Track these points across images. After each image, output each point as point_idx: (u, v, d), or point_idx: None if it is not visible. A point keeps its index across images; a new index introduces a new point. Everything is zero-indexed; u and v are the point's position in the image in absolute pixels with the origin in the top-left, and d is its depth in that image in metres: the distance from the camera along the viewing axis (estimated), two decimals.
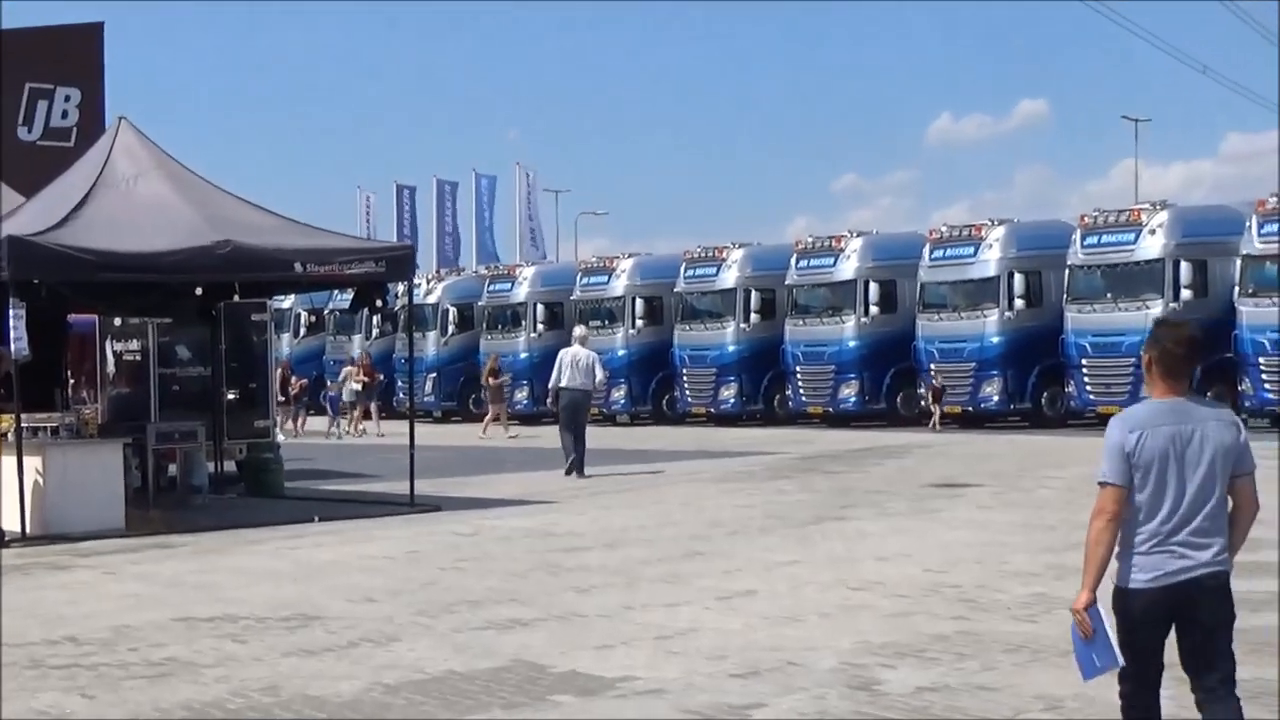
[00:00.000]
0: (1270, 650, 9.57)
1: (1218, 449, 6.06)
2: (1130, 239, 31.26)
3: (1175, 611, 6.08)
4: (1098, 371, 31.42)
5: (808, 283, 36.57)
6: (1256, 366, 29.35)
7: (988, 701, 8.35)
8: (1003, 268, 32.99)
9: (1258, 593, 11.63)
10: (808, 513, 17.95)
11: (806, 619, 10.97)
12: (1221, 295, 30.45)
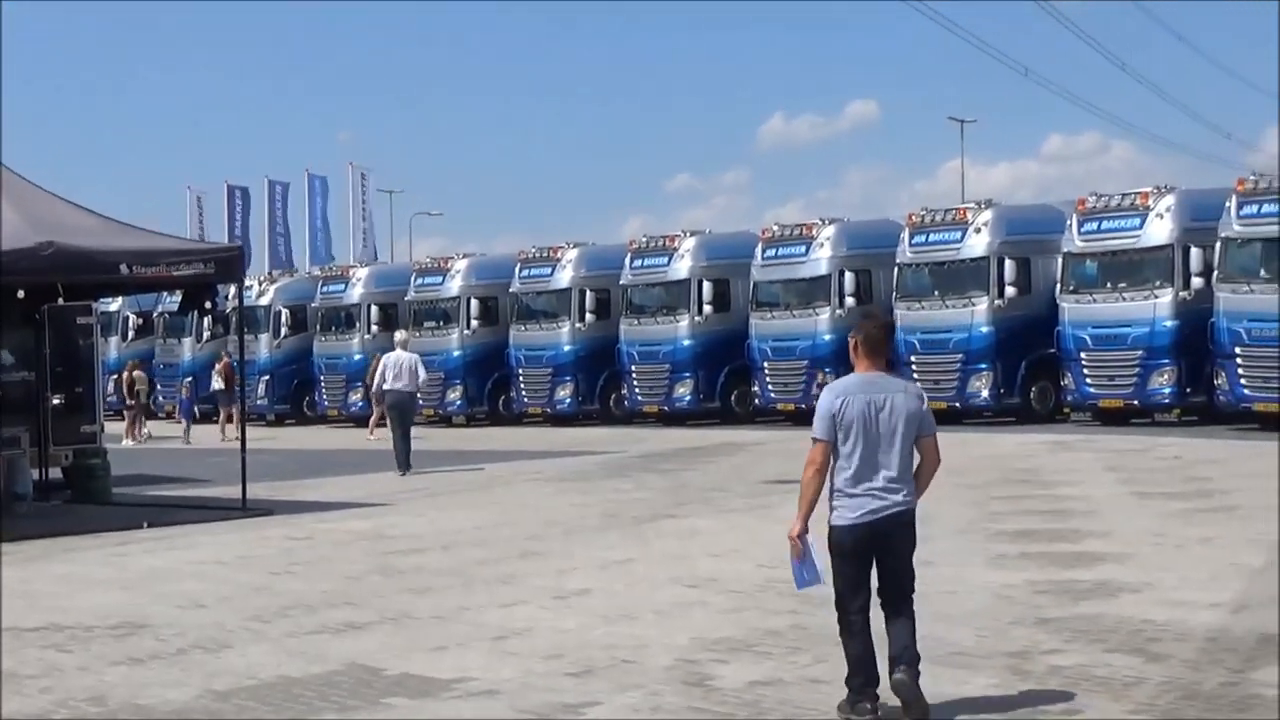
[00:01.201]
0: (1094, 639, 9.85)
1: (907, 414, 7.74)
2: (956, 237, 31.84)
3: (875, 542, 7.76)
4: (926, 367, 31.95)
5: (642, 282, 36.72)
6: (1078, 362, 30.06)
7: (819, 694, 8.49)
8: (834, 266, 33.40)
9: (1083, 581, 11.97)
10: (643, 511, 18.06)
11: (642, 616, 11.05)
12: (1044, 292, 31.14)
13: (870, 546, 7.77)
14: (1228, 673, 8.79)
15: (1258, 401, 27.27)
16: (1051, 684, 8.61)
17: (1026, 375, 31.87)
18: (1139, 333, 29.22)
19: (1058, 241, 30.64)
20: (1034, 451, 25.08)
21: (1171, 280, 28.90)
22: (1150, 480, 19.84)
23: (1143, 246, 29.41)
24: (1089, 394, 30.27)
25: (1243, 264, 27.66)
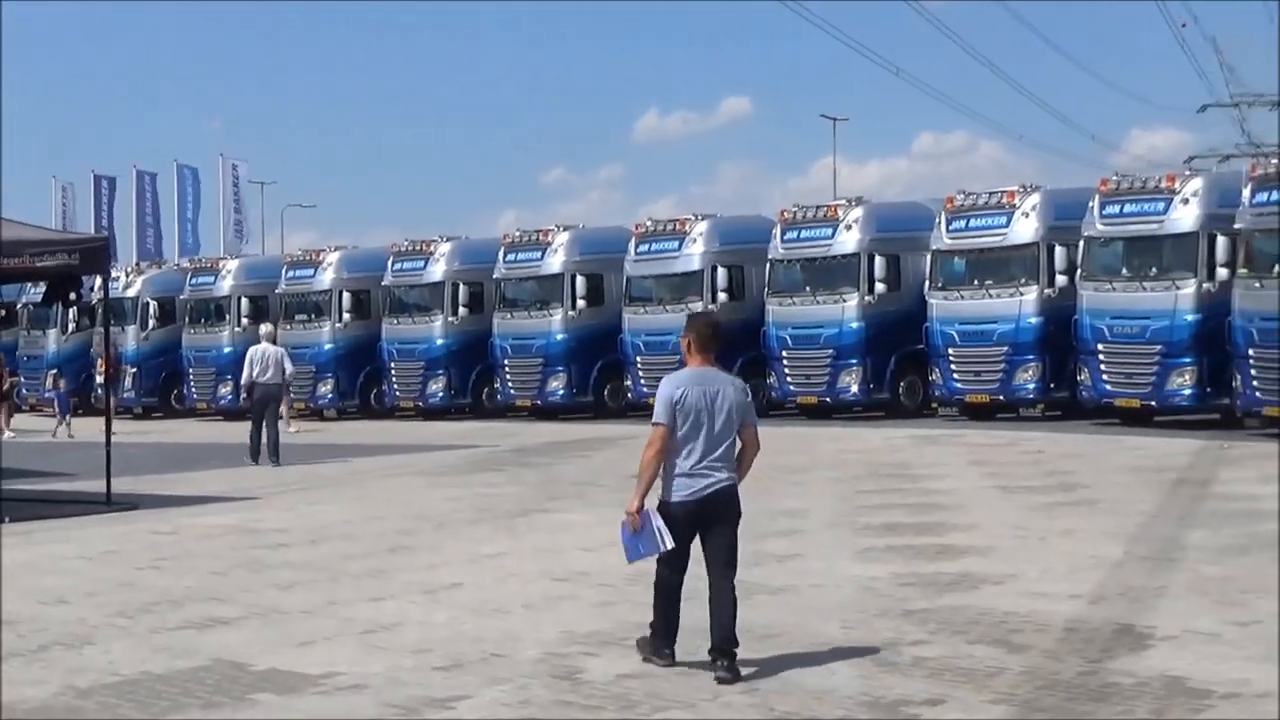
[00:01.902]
0: (957, 630, 10.02)
1: (733, 405, 8.79)
2: (828, 234, 32.12)
3: (704, 516, 8.78)
4: (797, 363, 32.22)
5: (515, 276, 36.65)
6: (946, 358, 30.46)
7: (688, 687, 8.55)
8: (706, 261, 33.53)
9: (947, 573, 12.16)
10: (515, 505, 18.04)
11: (512, 610, 11.05)
12: (913, 288, 31.52)
13: (699, 520, 8.81)
14: (1086, 662, 8.97)
15: (1119, 397, 27.83)
16: (916, 675, 8.74)
17: (895, 370, 32.24)
18: (1005, 329, 29.67)
19: (927, 238, 31.02)
20: (902, 446, 25.40)
21: (1037, 278, 29.39)
22: (1014, 474, 20.18)
23: (1009, 244, 29.87)
24: (956, 389, 30.69)
25: (1105, 262, 28.20)
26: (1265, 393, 24.74)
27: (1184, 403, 27.28)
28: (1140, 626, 9.97)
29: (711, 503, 8.77)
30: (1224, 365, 25.90)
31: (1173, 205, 27.03)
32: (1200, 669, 8.73)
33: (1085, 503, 16.96)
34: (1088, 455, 22.87)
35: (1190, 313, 26.65)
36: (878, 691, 8.36)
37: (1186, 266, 26.80)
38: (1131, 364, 27.38)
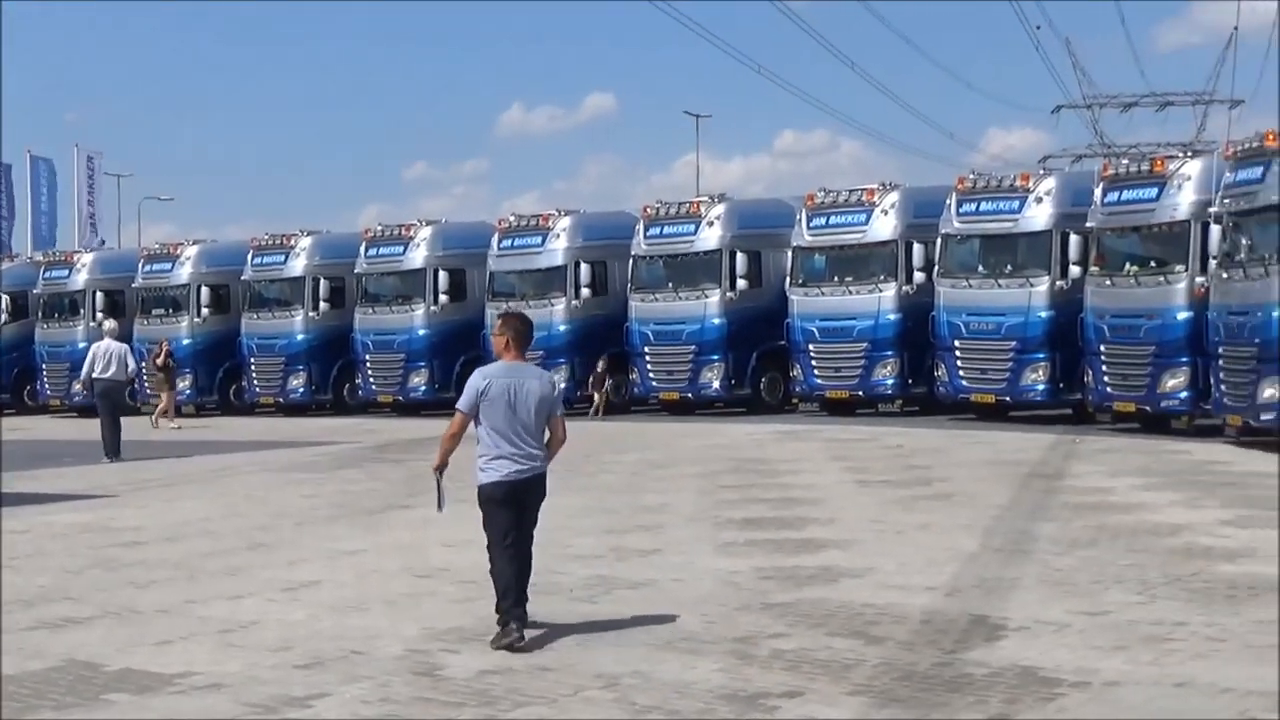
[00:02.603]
0: (816, 623, 10.13)
1: (539, 397, 9.64)
2: (690, 230, 32.28)
3: (515, 497, 9.60)
4: (660, 359, 32.35)
5: (377, 271, 36.40)
6: (807, 354, 30.76)
7: (548, 682, 8.56)
8: (569, 257, 33.56)
9: (807, 567, 12.28)
10: (376, 501, 17.93)
11: (372, 607, 10.99)
12: (775, 285, 31.78)
13: (512, 498, 9.61)
14: (941, 653, 9.12)
15: (975, 392, 28.29)
16: (775, 667, 8.83)
17: (757, 366, 32.51)
18: (865, 325, 30.04)
19: (788, 235, 31.31)
20: (763, 441, 25.60)
21: (895, 275, 29.79)
22: (873, 469, 20.44)
23: (868, 241, 30.25)
24: (816, 385, 31.01)
25: (962, 259, 28.66)
26: (1116, 388, 25.28)
27: (1038, 398, 27.81)
28: (994, 617, 10.15)
29: (520, 486, 9.61)
30: (1076, 361, 26.45)
31: (1027, 204, 27.55)
32: (1051, 658, 8.91)
33: (942, 496, 17.22)
34: (945, 450, 23.22)
35: (1044, 309, 27.17)
36: (737, 684, 8.43)
37: (1040, 264, 27.33)
38: (987, 360, 27.85)
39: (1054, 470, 20.02)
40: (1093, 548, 13.18)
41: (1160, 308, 24.50)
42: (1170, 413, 24.89)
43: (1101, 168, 27.88)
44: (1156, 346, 24.44)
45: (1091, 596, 10.91)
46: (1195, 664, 8.76)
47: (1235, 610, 10.26)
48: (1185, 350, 24.07)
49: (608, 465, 21.68)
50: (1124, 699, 8.06)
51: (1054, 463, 21.09)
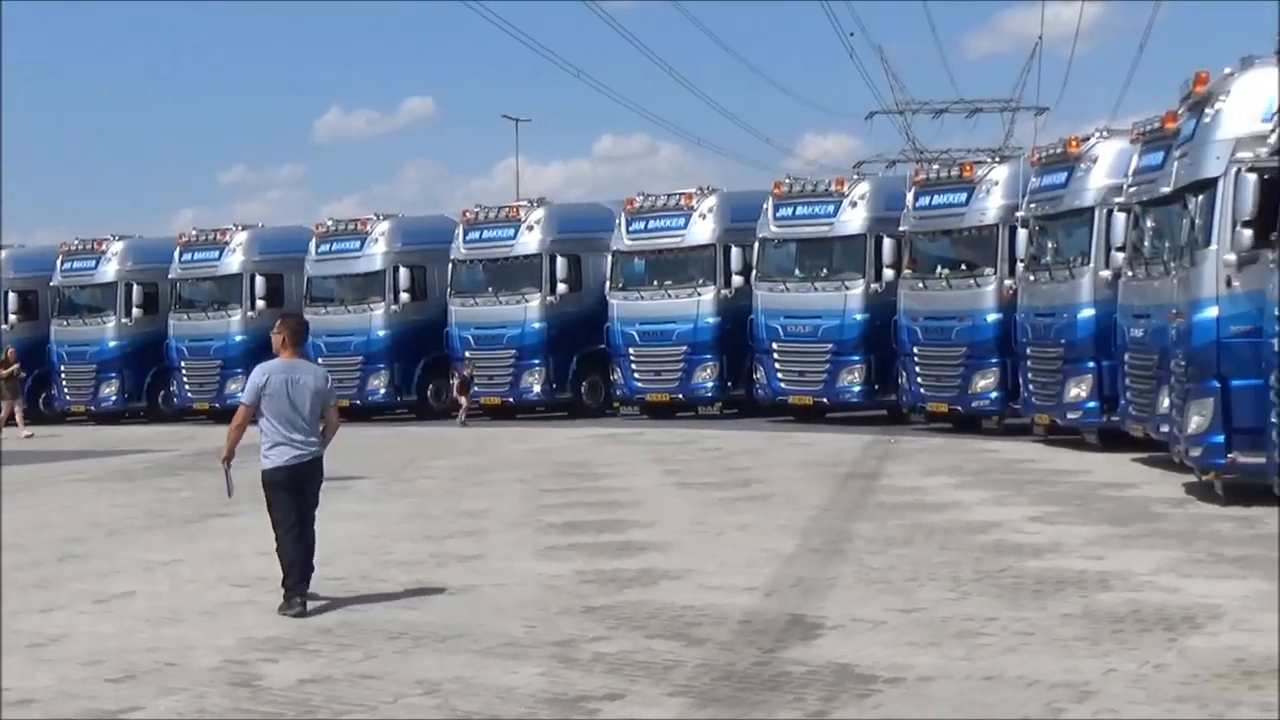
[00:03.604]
0: (636, 625, 10.19)
1: (314, 390, 10.92)
2: (509, 235, 32.24)
3: (296, 480, 10.84)
4: (480, 363, 32.25)
5: (192, 276, 35.80)
6: (627, 357, 30.89)
7: (368, 690, 8.51)
8: (388, 261, 33.31)
9: (628, 570, 12.35)
10: (192, 510, 17.64)
11: (187, 618, 10.83)
12: (595, 289, 31.88)
13: (293, 482, 10.82)
14: (760, 653, 9.24)
15: (793, 394, 28.65)
16: (597, 670, 8.87)
17: (578, 370, 32.57)
18: (684, 329, 30.27)
19: (608, 239, 31.43)
20: (584, 445, 25.68)
21: (714, 278, 30.05)
22: (693, 471, 20.61)
23: (687, 245, 30.47)
24: (637, 388, 31.15)
25: (779, 263, 29.02)
26: (929, 389, 25.80)
27: (854, 399, 28.26)
28: (811, 616, 10.31)
29: (299, 470, 10.84)
30: (891, 363, 26.93)
31: (842, 208, 27.99)
32: (866, 655, 9.08)
33: (760, 498, 17.43)
34: (763, 451, 23.50)
35: (859, 312, 27.63)
36: (559, 688, 8.46)
37: (855, 268, 27.78)
38: (804, 362, 28.23)
39: (870, 470, 20.37)
40: (907, 546, 13.44)
41: (970, 310, 25.06)
42: (981, 413, 25.46)
43: (913, 173, 28.47)
44: (967, 348, 25.00)
45: (906, 594, 11.13)
46: (1005, 658, 8.99)
47: (1042, 605, 10.54)
48: (995, 351, 24.65)
49: (428, 471, 21.58)
50: (936, 693, 8.25)
51: (870, 463, 21.45)
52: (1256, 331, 14.83)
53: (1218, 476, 15.79)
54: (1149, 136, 19.48)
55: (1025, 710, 7.86)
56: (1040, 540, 13.52)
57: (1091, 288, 21.57)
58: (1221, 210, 15.50)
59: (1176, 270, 16.91)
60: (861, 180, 29.79)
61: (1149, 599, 10.63)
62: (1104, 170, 21.66)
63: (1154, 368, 18.34)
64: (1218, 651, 8.97)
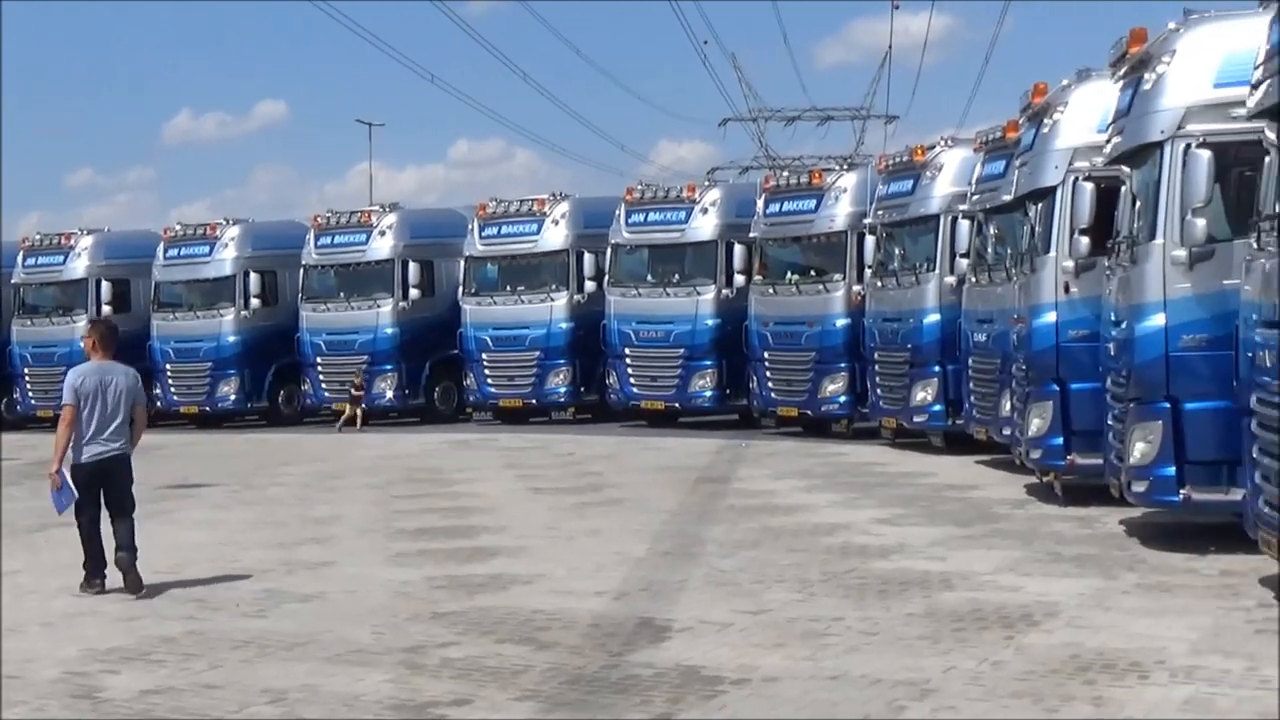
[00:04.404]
0: (486, 630, 10.22)
1: (124, 390, 11.77)
2: (362, 240, 32.05)
3: (99, 476, 11.70)
4: (332, 369, 32.02)
5: (36, 281, 35.10)
6: (480, 363, 30.83)
7: (213, 700, 8.44)
8: (238, 266, 32.92)
9: (478, 575, 12.36)
10: (33, 520, 17.27)
11: (28, 630, 10.63)
12: (448, 294, 31.78)
13: (98, 478, 11.70)
14: (608, 656, 9.31)
15: (646, 399, 28.81)
16: (445, 676, 8.89)
17: (431, 376, 32.44)
18: (537, 334, 30.28)
19: (461, 245, 31.35)
20: (437, 451, 25.60)
21: (567, 284, 30.10)
22: (545, 476, 20.66)
23: (540, 251, 30.49)
24: (490, 394, 31.10)
25: (631, 269, 29.17)
26: (779, 393, 26.08)
27: (706, 404, 28.48)
28: (660, 619, 10.40)
29: (108, 466, 11.70)
30: (743, 368, 27.18)
31: (693, 214, 28.20)
32: (713, 657, 9.19)
33: (612, 502, 17.52)
34: (616, 456, 23.60)
35: (710, 318, 27.84)
36: (406, 694, 8.46)
37: (706, 274, 28.00)
38: (657, 367, 28.39)
39: (721, 474, 20.55)
40: (756, 549, 13.60)
41: (819, 315, 25.38)
42: (830, 416, 25.80)
43: (764, 180, 28.78)
44: (816, 353, 25.31)
45: (754, 596, 11.27)
46: (849, 657, 9.15)
47: (887, 605, 10.74)
48: (843, 356, 24.99)
49: (278, 478, 21.39)
50: (781, 693, 8.37)
51: (721, 467, 21.65)
52: (1094, 336, 15.07)
53: (1057, 478, 16.19)
54: (991, 146, 19.86)
55: (867, 709, 8.01)
56: (886, 542, 13.76)
57: (937, 293, 21.98)
58: (1060, 218, 15.86)
59: (1017, 276, 17.29)
60: (713, 187, 30.09)
61: (989, 598, 10.88)
62: (948, 178, 22.08)
63: (996, 372, 18.73)
64: (1053, 648, 9.21)
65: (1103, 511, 14.79)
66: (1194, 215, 11.99)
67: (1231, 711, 7.78)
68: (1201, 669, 8.58)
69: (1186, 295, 12.50)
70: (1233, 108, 11.67)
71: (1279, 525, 10.04)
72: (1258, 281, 10.54)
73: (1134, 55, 13.34)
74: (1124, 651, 9.04)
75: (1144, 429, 12.81)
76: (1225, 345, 11.67)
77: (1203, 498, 12.55)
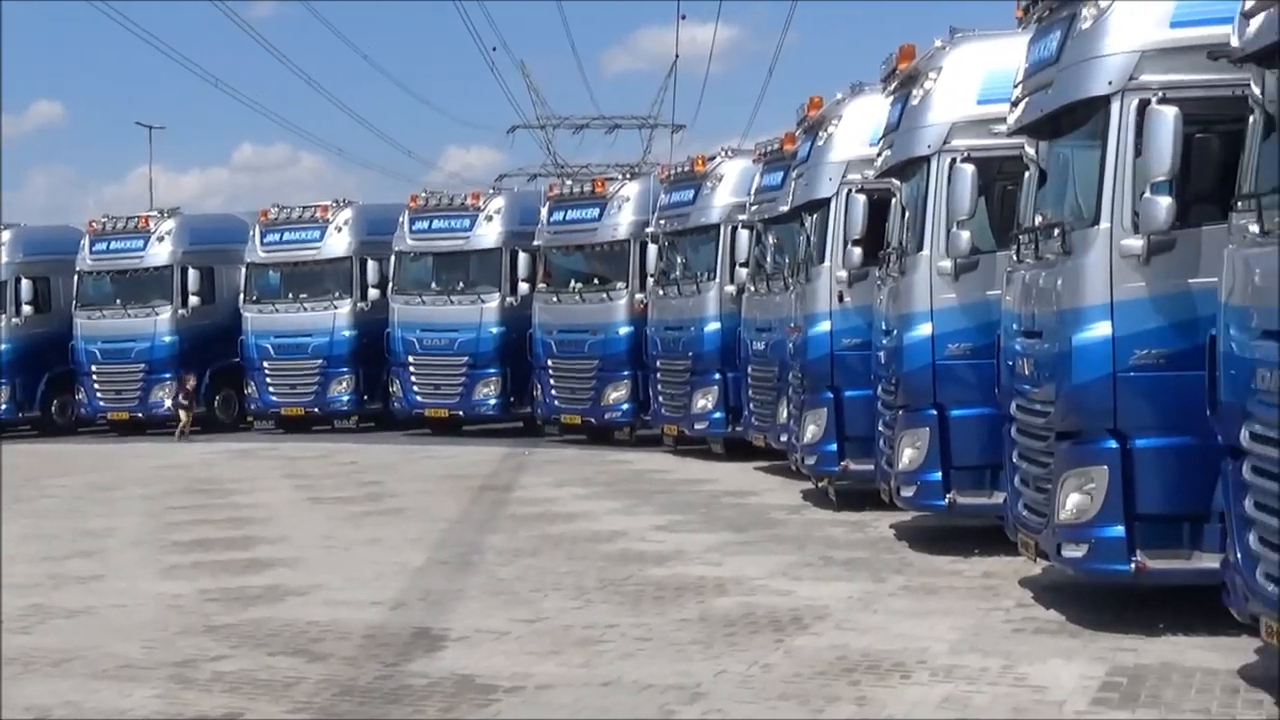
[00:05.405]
0: (259, 643, 10.11)
1: None
2: (139, 245, 31.33)
3: None
4: (108, 378, 31.27)
5: None
6: (262, 371, 30.39)
7: None
8: (10, 273, 31.93)
9: (253, 587, 12.21)
10: None
11: None
12: (229, 302, 31.25)
13: None
14: (383, 666, 9.30)
15: (430, 407, 28.67)
16: (215, 690, 8.80)
17: (211, 385, 31.84)
18: (319, 342, 29.92)
19: (243, 251, 30.88)
20: (216, 461, 25.18)
21: (350, 292, 29.84)
22: (326, 486, 20.47)
23: (323, 258, 30.15)
24: (272, 402, 30.67)
25: (416, 276, 29.01)
26: (563, 401, 26.16)
27: (490, 412, 28.43)
28: (436, 629, 10.42)
29: None
30: (527, 376, 27.20)
31: (478, 222, 28.16)
32: (488, 666, 9.24)
33: (393, 511, 17.44)
34: (398, 465, 23.47)
35: (494, 325, 27.81)
36: (174, 709, 8.35)
37: (491, 281, 27.98)
38: (441, 375, 28.28)
39: (504, 483, 20.57)
40: (536, 556, 13.67)
41: (602, 324, 25.51)
42: (613, 424, 25.94)
43: (548, 188, 28.85)
44: (599, 361, 25.44)
45: (531, 604, 11.34)
46: (623, 663, 9.27)
47: (661, 611, 10.89)
48: (626, 364, 25.16)
49: (49, 489, 20.84)
50: (555, 700, 8.46)
51: (505, 475, 21.66)
52: (866, 345, 15.39)
53: (831, 483, 16.54)
54: (770, 157, 20.20)
55: (639, 713, 8.14)
56: (664, 548, 13.92)
57: (717, 302, 22.27)
58: (834, 229, 16.24)
59: (794, 286, 17.62)
60: (497, 195, 30.03)
61: (762, 602, 11.09)
62: (729, 189, 22.39)
63: (775, 379, 19.05)
64: (821, 650, 9.44)
65: (874, 516, 15.16)
66: (959, 228, 12.28)
67: (986, 708, 8.07)
68: (961, 668, 8.88)
69: (952, 305, 12.87)
70: (995, 124, 11.95)
71: (1036, 528, 10.43)
72: (1017, 292, 10.91)
73: (903, 71, 13.66)
74: (888, 652, 9.31)
75: (912, 435, 13.17)
76: (988, 354, 11.94)
77: (967, 501, 12.90)
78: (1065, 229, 9.93)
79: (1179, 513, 9.69)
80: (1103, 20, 9.73)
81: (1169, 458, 9.67)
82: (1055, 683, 8.49)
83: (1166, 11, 9.65)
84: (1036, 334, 10.45)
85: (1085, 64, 9.83)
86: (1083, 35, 9.86)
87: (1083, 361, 9.72)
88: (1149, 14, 9.65)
